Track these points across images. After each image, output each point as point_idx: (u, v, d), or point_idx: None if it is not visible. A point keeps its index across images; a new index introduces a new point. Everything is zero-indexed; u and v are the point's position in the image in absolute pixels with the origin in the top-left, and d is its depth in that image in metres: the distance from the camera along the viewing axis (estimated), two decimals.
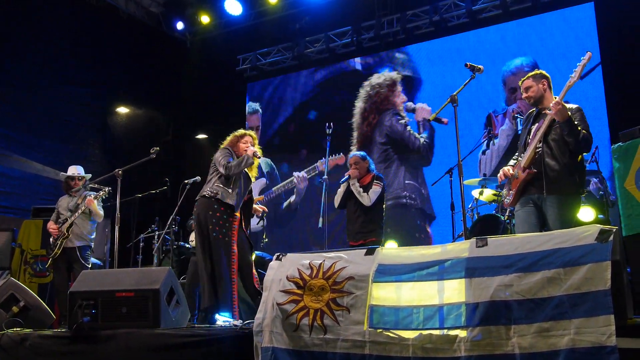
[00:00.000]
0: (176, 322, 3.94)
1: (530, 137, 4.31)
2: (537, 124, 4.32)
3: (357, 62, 10.84)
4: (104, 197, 6.36)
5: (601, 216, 5.41)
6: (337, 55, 11.02)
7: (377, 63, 10.59)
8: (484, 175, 8.52)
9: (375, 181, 5.90)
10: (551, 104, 4.10)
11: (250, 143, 5.21)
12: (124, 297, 3.81)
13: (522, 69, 8.93)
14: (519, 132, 5.36)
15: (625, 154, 3.86)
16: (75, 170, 6.54)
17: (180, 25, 12.07)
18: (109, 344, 3.68)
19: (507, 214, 5.51)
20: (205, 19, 11.75)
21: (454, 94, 4.17)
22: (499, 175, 4.38)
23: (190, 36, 12.41)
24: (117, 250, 5.65)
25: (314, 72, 11.30)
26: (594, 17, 8.60)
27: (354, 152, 6.18)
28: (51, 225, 6.33)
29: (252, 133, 5.35)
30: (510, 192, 4.30)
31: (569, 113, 4.07)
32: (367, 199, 5.80)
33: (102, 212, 6.42)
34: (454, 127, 4.25)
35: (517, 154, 4.50)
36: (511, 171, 4.34)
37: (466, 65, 4.32)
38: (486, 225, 5.96)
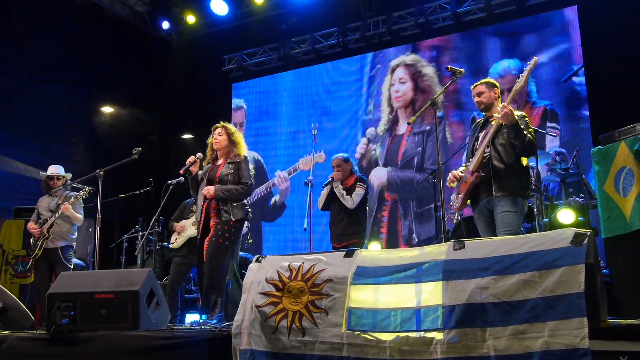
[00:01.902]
0: (156, 324, 3.92)
1: (479, 143, 4.45)
2: (484, 131, 4.46)
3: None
4: (84, 197, 6.29)
5: (581, 218, 5.47)
6: (323, 56, 11.03)
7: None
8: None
9: (358, 183, 5.90)
10: (499, 108, 4.26)
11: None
12: (103, 298, 3.79)
13: (510, 71, 9.00)
14: None
15: (605, 157, 3.91)
16: (54, 169, 6.48)
17: (165, 25, 12.01)
18: (87, 346, 3.65)
19: (455, 216, 5.59)
20: (191, 18, 11.70)
21: (434, 97, 4.21)
22: (448, 179, 4.52)
23: (176, 36, 12.36)
24: (99, 251, 5.60)
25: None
26: (577, 21, 8.68)
27: (337, 155, 6.16)
28: (31, 226, 6.27)
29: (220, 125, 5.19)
30: (459, 196, 4.42)
31: (516, 117, 4.20)
32: (350, 201, 5.80)
33: (80, 216, 6.35)
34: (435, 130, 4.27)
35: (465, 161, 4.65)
36: (460, 174, 4.48)
37: (447, 68, 4.36)
38: (469, 227, 5.98)
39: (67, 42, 10.66)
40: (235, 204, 4.91)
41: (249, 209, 5.03)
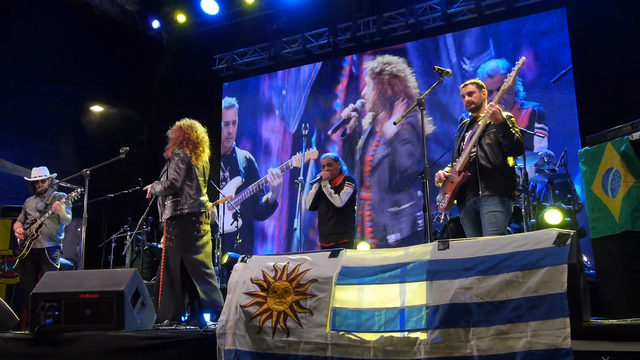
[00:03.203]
0: (141, 324, 3.89)
1: (465, 143, 4.47)
2: (470, 131, 4.48)
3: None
4: (75, 197, 6.27)
5: (568, 219, 5.48)
6: (313, 56, 11.03)
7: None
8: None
9: (346, 182, 5.90)
10: (487, 107, 4.27)
11: None
12: (87, 298, 3.76)
13: (498, 71, 9.03)
14: None
15: (592, 158, 3.91)
16: (37, 172, 6.44)
17: (156, 24, 11.98)
18: (71, 347, 3.62)
19: (442, 217, 5.61)
20: (181, 17, 11.67)
21: (421, 97, 4.20)
22: (435, 180, 4.52)
23: (166, 35, 12.31)
24: (87, 251, 5.58)
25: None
26: (566, 23, 8.73)
27: (326, 154, 6.18)
28: (17, 229, 6.22)
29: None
30: (446, 196, 4.43)
31: (504, 116, 4.22)
32: (338, 200, 5.80)
33: (69, 216, 6.33)
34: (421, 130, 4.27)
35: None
36: (447, 174, 4.50)
37: (434, 68, 4.36)
38: (457, 226, 6.00)
39: (56, 41, 10.58)
40: (167, 203, 4.89)
41: (200, 209, 4.90)
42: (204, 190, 5.08)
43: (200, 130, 5.18)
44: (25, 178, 6.55)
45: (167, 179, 4.85)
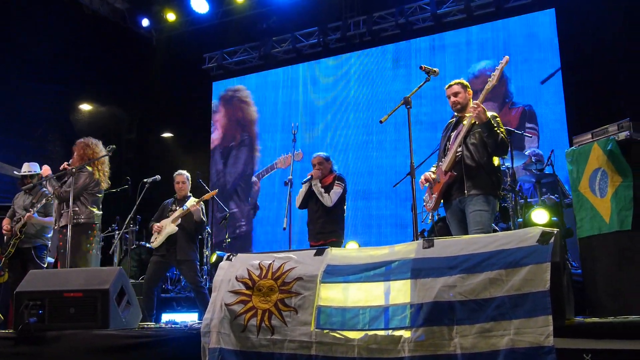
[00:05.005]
0: (126, 322, 3.86)
1: (450, 142, 4.47)
2: (456, 131, 4.49)
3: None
4: (52, 201, 6.23)
5: (554, 218, 5.50)
6: (303, 55, 11.02)
7: None
8: None
9: (336, 182, 5.89)
10: (471, 107, 4.29)
11: None
12: (72, 297, 3.72)
13: (485, 72, 9.05)
14: None
15: (579, 158, 3.92)
16: (27, 168, 6.39)
17: (145, 22, 11.93)
18: (55, 345, 3.59)
19: (429, 217, 5.63)
20: (171, 16, 11.63)
21: (408, 96, 4.19)
22: (420, 181, 4.52)
23: (156, 33, 12.27)
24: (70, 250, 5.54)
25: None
26: (555, 24, 8.77)
27: (318, 153, 6.16)
28: (5, 225, 6.17)
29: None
30: (433, 196, 4.43)
31: (488, 116, 4.24)
32: (328, 199, 5.79)
33: (47, 219, 6.26)
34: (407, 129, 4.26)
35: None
36: (432, 176, 4.50)
37: (421, 67, 4.36)
38: (445, 226, 6.00)
39: (44, 39, 10.48)
40: (63, 212, 5.43)
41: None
42: (100, 205, 5.78)
43: (104, 151, 5.80)
44: (15, 173, 6.50)
45: (65, 191, 5.41)
